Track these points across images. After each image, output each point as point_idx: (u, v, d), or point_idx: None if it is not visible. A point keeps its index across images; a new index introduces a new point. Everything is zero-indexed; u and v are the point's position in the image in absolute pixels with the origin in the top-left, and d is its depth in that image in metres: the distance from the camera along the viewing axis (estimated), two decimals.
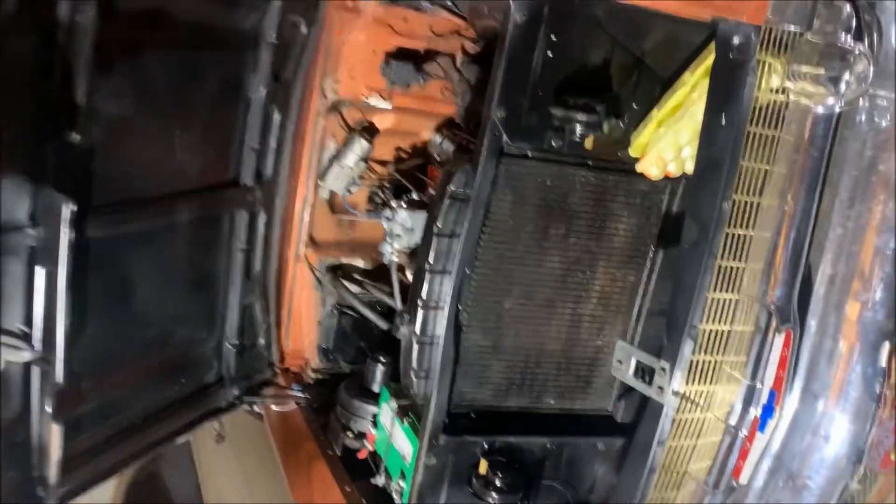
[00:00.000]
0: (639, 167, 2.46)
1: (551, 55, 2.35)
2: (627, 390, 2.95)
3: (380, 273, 3.84)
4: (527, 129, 2.42)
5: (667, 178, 2.49)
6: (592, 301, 2.79)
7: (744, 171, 2.05)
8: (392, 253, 3.27)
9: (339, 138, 3.61)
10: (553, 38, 2.34)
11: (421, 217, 3.24)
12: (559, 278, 2.71)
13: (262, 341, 3.57)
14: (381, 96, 3.54)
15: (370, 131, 3.62)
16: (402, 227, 3.24)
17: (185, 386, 3.16)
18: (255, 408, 3.61)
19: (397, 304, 3.30)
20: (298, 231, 3.61)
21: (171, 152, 2.78)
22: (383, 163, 3.75)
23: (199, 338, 3.23)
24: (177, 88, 2.71)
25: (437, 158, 3.56)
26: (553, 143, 2.46)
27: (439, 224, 2.53)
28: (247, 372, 3.50)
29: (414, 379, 2.67)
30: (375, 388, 3.31)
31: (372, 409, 3.22)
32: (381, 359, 3.31)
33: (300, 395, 3.66)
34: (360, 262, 3.84)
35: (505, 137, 2.39)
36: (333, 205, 3.77)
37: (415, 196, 3.30)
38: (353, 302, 3.54)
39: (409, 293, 2.69)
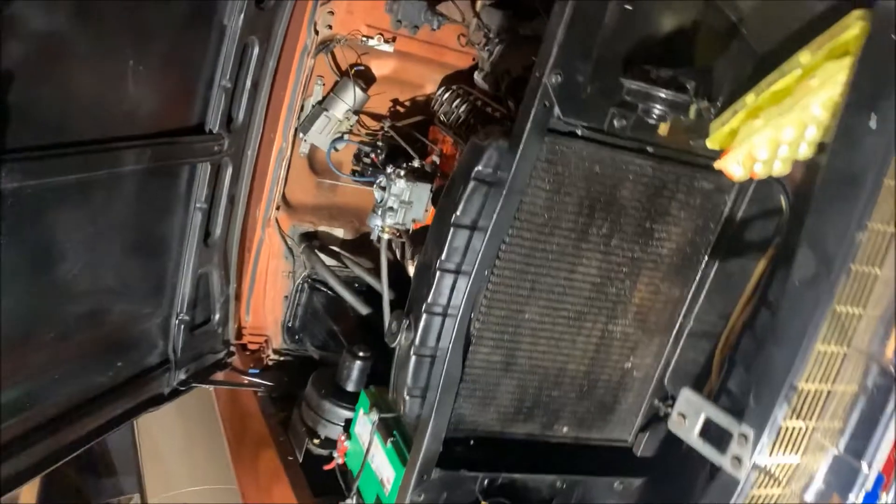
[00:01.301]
0: (719, 164, 1.94)
1: (630, 8, 1.80)
2: (652, 421, 2.50)
3: (362, 245, 3.31)
4: (586, 102, 1.89)
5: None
6: (628, 316, 2.31)
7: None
8: (382, 229, 2.72)
9: (327, 83, 3.01)
10: None
11: (421, 190, 2.70)
12: (593, 287, 2.22)
13: (217, 316, 3.02)
14: (383, 37, 2.95)
15: (365, 78, 3.03)
16: (397, 200, 2.69)
17: (120, 370, 2.61)
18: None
19: (383, 289, 2.77)
20: (270, 189, 3.04)
21: (120, 87, 2.18)
22: (377, 116, 3.17)
23: (143, 313, 2.67)
24: (132, 6, 2.09)
25: (442, 118, 2.99)
26: (615, 123, 1.93)
27: (459, 212, 1.99)
28: (197, 352, 2.96)
29: (406, 397, 2.16)
30: (351, 387, 2.79)
31: (345, 413, 2.72)
32: (360, 353, 2.79)
33: (257, 381, 3.13)
34: (339, 232, 3.28)
35: (557, 110, 1.85)
36: (314, 162, 3.19)
37: (416, 164, 2.74)
38: (327, 278, 3.00)
39: (411, 293, 2.17)
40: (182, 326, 2.82)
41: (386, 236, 2.73)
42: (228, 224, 2.89)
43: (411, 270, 2.39)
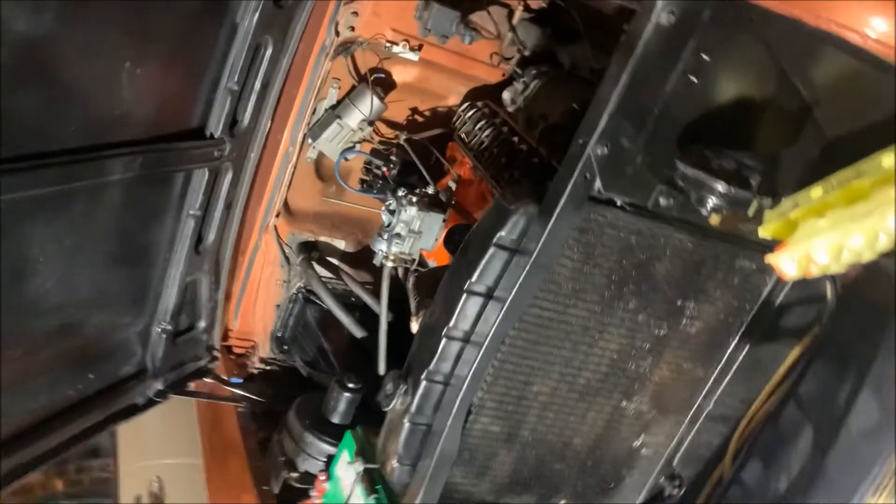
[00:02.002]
0: (771, 258, 1.73)
1: (695, 81, 1.58)
2: (655, 500, 2.34)
3: (363, 258, 3.10)
4: (632, 177, 1.67)
5: None
6: (645, 394, 2.13)
7: None
8: (387, 256, 2.52)
9: (343, 86, 2.78)
10: (704, 57, 1.56)
11: (433, 220, 2.50)
12: (612, 363, 2.04)
13: (203, 323, 2.82)
14: (409, 44, 2.70)
15: (385, 85, 2.79)
16: (406, 227, 2.49)
17: (92, 382, 2.42)
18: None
19: (382, 320, 2.58)
20: (271, 194, 2.82)
21: (112, 90, 1.95)
22: (393, 125, 2.93)
23: (121, 323, 2.47)
24: (130, 4, 1.85)
25: (463, 136, 2.76)
26: (661, 202, 1.72)
27: (474, 278, 1.78)
28: (177, 360, 2.76)
29: (395, 464, 1.99)
30: (336, 419, 2.62)
31: (328, 449, 2.54)
32: (350, 384, 2.61)
33: (238, 392, 2.94)
34: (340, 244, 3.08)
35: (598, 183, 1.64)
36: (321, 168, 2.97)
37: (430, 190, 2.52)
38: (323, 296, 2.80)
39: (411, 354, 1.97)
40: (163, 336, 2.62)
41: (390, 264, 2.53)
42: (223, 230, 2.67)
43: (413, 301, 2.20)
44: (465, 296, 1.80)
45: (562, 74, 2.25)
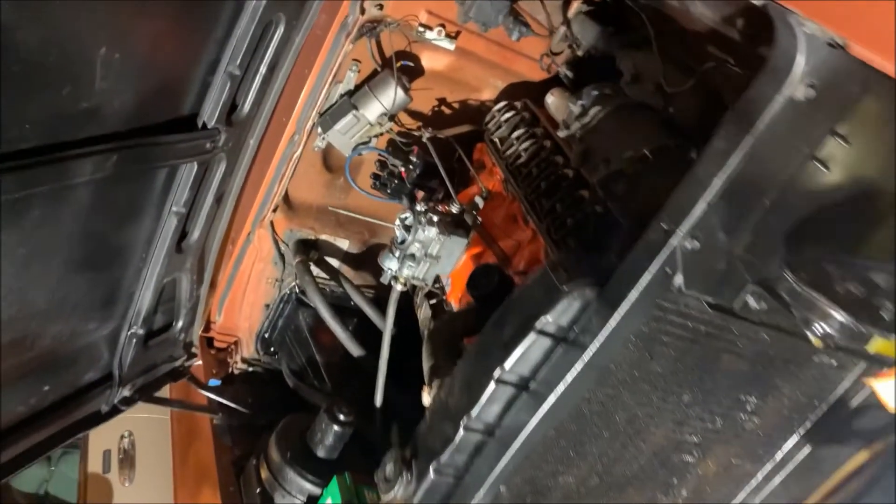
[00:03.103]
0: (874, 384, 1.44)
1: (826, 170, 1.23)
2: None
3: (368, 261, 2.77)
4: (720, 276, 1.33)
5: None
6: (684, 487, 1.83)
7: None
8: (396, 278, 2.19)
9: (363, 69, 2.38)
10: (842, 142, 1.21)
11: (454, 244, 2.15)
12: (653, 456, 1.73)
13: (180, 323, 2.50)
14: (445, 30, 2.30)
15: (411, 72, 2.40)
16: (422, 249, 2.15)
17: (45, 395, 2.10)
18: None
19: (385, 342, 2.26)
20: (269, 185, 2.45)
21: (83, 81, 1.57)
22: (415, 115, 2.56)
23: (84, 330, 2.15)
24: None
25: (496, 142, 2.40)
26: (749, 304, 1.39)
27: (508, 366, 1.46)
28: (149, 364, 2.45)
29: None
30: (322, 453, 2.33)
31: (309, 488, 2.26)
32: (340, 416, 2.30)
33: (214, 398, 2.64)
34: (344, 244, 2.73)
35: (679, 280, 1.30)
36: (329, 158, 2.59)
37: (454, 209, 2.17)
38: (319, 308, 2.46)
39: (418, 435, 1.66)
40: (133, 340, 2.30)
41: (399, 288, 2.19)
42: (211, 225, 2.32)
43: (426, 361, 1.87)
44: (493, 384, 1.48)
45: (630, 105, 1.87)
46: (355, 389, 2.55)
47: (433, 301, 2.43)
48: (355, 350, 2.48)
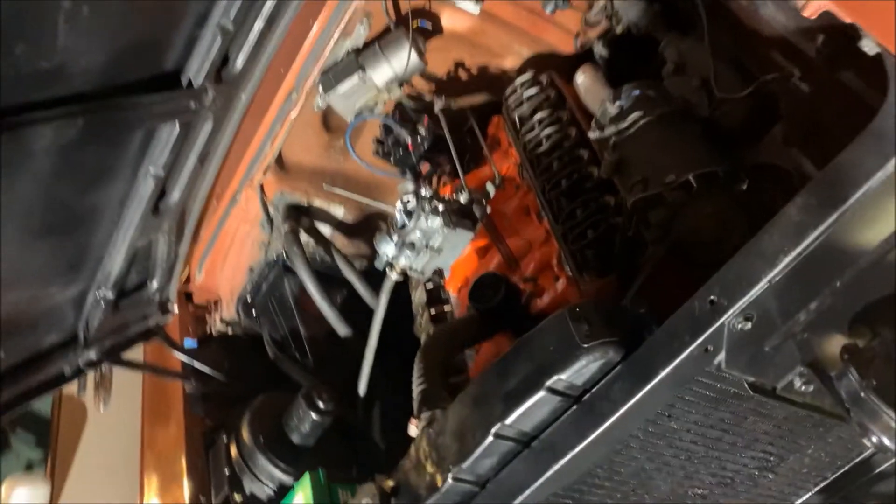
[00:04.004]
0: None
1: None
2: None
3: (365, 230, 2.57)
4: (767, 356, 1.14)
5: None
6: None
7: None
8: (391, 265, 1.99)
9: (375, 25, 2.12)
10: None
11: (459, 238, 1.95)
12: None
13: (156, 283, 2.31)
14: None
15: (428, 34, 2.14)
16: (423, 239, 1.94)
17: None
18: None
19: (374, 331, 2.09)
20: (261, 144, 2.22)
21: (43, 39, 1.33)
22: (429, 78, 2.30)
23: (45, 294, 1.96)
24: None
25: (514, 120, 2.16)
26: (794, 385, 1.20)
27: (509, 421, 1.28)
28: (119, 324, 2.27)
29: None
30: (296, 439, 2.18)
31: (280, 477, 2.12)
32: (320, 403, 2.14)
33: (187, 360, 2.47)
34: (339, 210, 2.51)
35: (721, 359, 1.11)
36: (329, 117, 2.35)
37: (463, 199, 1.95)
38: (307, 283, 2.27)
39: (403, 468, 1.49)
40: (101, 303, 2.12)
41: (394, 277, 2.00)
42: (193, 185, 2.10)
43: (416, 386, 1.69)
44: (490, 437, 1.30)
45: (675, 114, 1.62)
46: (339, 369, 2.39)
47: (430, 286, 2.24)
48: (342, 329, 2.31)
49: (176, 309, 2.46)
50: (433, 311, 2.22)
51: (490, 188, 2.06)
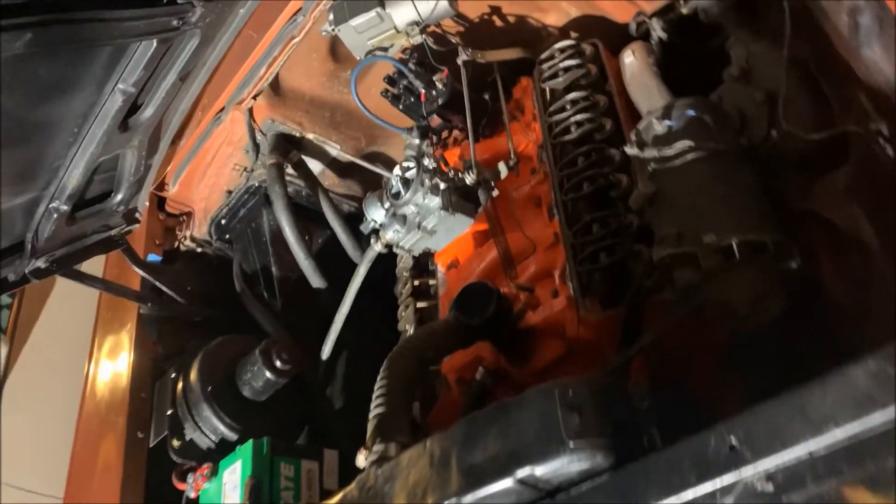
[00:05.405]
0: None
1: None
2: None
3: (359, 170, 2.33)
4: None
5: None
6: None
7: None
8: (377, 236, 1.79)
9: None
10: None
11: (456, 223, 1.73)
12: None
13: (121, 196, 2.09)
14: None
15: None
16: (416, 215, 1.73)
17: None
18: None
19: (346, 300, 1.91)
20: (256, 65, 1.95)
21: None
22: (457, 21, 2.01)
23: None
24: None
25: (543, 82, 1.89)
26: None
27: (467, 499, 1.11)
28: (74, 235, 2.07)
29: None
30: (247, 392, 2.02)
31: (224, 431, 1.98)
32: (277, 361, 1.97)
33: (148, 277, 2.28)
34: (334, 148, 2.26)
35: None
36: (336, 45, 2.06)
37: (469, 179, 1.72)
38: (283, 223, 2.06)
39: None
40: (53, 214, 1.90)
41: (378, 248, 1.80)
42: (171, 103, 1.85)
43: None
44: None
45: (730, 157, 1.35)
46: (306, 318, 2.22)
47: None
48: (317, 281, 2.12)
49: (143, 217, 2.26)
50: (417, 283, 2.03)
51: (502, 168, 1.81)
